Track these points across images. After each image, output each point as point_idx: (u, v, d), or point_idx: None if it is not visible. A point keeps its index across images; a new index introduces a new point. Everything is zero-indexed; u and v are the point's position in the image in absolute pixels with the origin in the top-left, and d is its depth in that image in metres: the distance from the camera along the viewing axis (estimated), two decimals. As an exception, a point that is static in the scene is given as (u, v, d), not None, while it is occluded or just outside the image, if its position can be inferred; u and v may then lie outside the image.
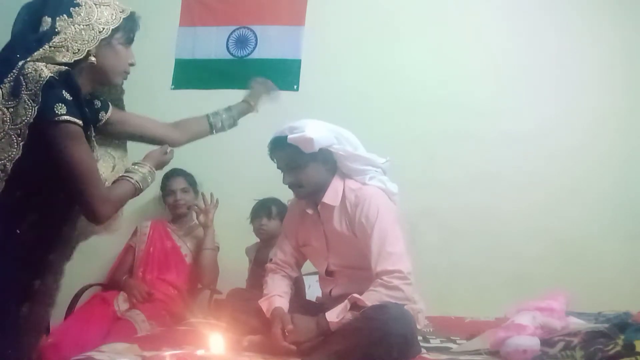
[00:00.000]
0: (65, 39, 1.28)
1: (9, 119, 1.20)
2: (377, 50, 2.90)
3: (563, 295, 1.79)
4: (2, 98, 1.22)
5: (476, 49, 2.82)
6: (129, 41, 1.42)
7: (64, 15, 1.30)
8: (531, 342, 1.62)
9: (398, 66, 2.87)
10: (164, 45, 3.06)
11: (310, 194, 1.94)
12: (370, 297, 1.68)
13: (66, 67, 1.26)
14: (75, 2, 1.32)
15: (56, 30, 1.28)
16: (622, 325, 1.61)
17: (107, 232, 1.52)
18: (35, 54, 1.26)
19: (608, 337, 1.52)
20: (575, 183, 2.68)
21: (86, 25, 1.31)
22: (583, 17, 2.77)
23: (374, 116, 2.80)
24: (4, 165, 1.20)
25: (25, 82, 1.21)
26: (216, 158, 2.95)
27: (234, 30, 3.06)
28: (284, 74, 2.95)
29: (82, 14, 1.31)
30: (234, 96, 2.95)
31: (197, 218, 2.71)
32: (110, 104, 1.52)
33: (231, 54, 3.05)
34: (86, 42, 1.30)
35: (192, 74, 3.06)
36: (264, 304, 1.85)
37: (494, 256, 2.67)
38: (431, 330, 2.07)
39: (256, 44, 3.02)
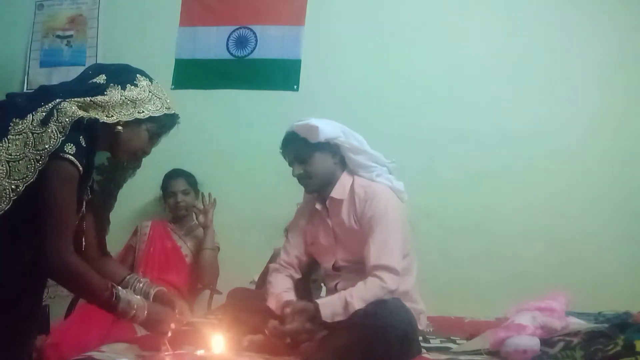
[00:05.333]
0: (107, 102, 1.36)
1: (32, 144, 1.25)
2: (377, 50, 2.89)
3: (563, 295, 1.79)
4: (31, 123, 1.27)
5: (476, 49, 2.82)
6: (157, 135, 1.48)
7: (119, 85, 1.39)
8: (531, 342, 1.61)
9: (398, 66, 2.87)
10: (164, 45, 3.06)
11: (319, 186, 1.98)
12: (360, 293, 1.69)
13: (95, 118, 1.32)
14: (135, 82, 1.42)
15: (105, 92, 1.37)
16: (622, 325, 1.61)
17: None
18: (75, 98, 1.32)
19: (608, 337, 1.52)
20: (575, 183, 2.68)
21: (131, 101, 1.39)
22: (582, 17, 2.76)
23: (374, 116, 2.80)
24: (17, 186, 1.22)
25: (57, 114, 1.26)
26: (216, 158, 2.96)
27: (234, 30, 3.06)
28: (284, 74, 2.95)
29: (133, 92, 1.40)
30: (234, 96, 3.00)
31: (197, 219, 2.72)
32: (95, 194, 1.50)
33: (231, 54, 3.05)
34: (122, 114, 1.38)
35: (192, 74, 3.06)
36: (272, 303, 1.86)
37: (494, 256, 2.67)
38: (431, 330, 2.06)
39: (256, 44, 3.02)
